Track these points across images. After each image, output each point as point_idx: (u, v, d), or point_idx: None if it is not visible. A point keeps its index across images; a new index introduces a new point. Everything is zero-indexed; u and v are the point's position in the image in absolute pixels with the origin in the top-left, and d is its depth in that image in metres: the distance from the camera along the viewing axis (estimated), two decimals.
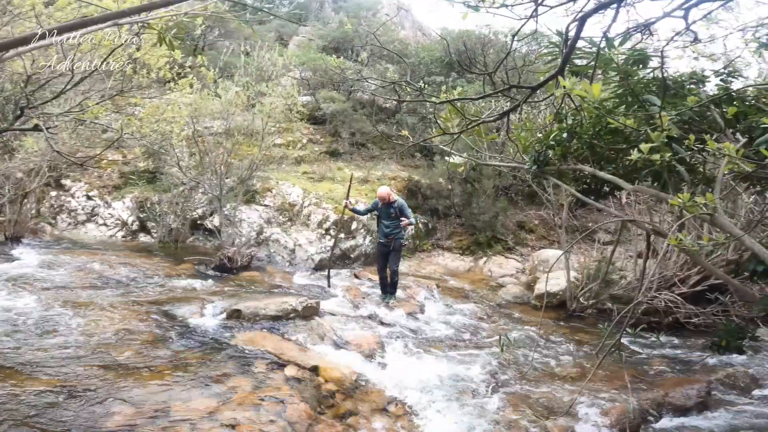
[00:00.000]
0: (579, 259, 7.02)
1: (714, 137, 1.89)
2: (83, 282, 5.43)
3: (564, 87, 1.77)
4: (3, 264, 5.84)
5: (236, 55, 11.15)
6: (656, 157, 1.67)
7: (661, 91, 1.88)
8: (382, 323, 5.30)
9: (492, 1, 1.55)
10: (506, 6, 1.56)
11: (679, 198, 1.57)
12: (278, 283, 6.45)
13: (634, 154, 1.72)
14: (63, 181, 8.68)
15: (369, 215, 6.79)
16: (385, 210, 5.99)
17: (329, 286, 6.45)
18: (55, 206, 8.47)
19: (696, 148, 1.74)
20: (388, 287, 6.14)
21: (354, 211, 6.39)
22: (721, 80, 3.00)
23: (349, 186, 6.50)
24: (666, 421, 3.70)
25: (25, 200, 7.30)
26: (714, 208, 1.53)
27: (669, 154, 1.69)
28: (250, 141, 8.14)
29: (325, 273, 6.75)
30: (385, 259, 6.14)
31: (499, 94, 2.13)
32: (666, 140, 1.73)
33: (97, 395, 2.97)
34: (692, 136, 1.64)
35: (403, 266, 8.35)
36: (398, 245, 6.04)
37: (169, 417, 2.85)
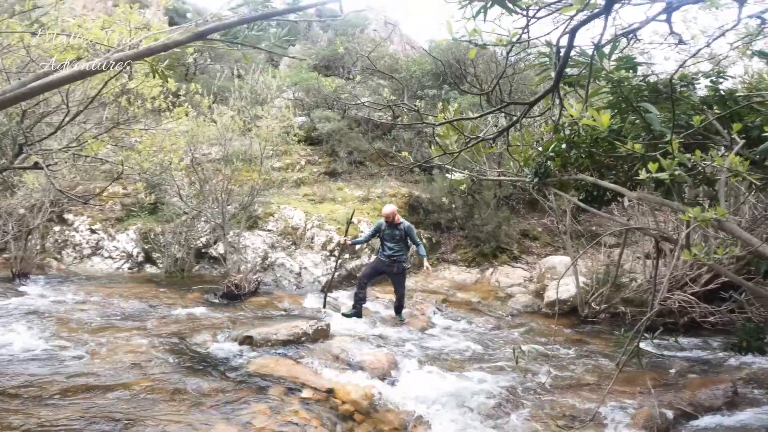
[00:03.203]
0: (587, 263, 6.99)
1: (721, 154, 1.90)
2: (94, 315, 5.43)
3: (563, 106, 1.79)
4: (13, 300, 5.85)
5: (229, 78, 11.25)
6: (665, 175, 1.67)
7: (671, 118, 1.87)
8: (394, 341, 5.26)
9: (498, 39, 1.59)
10: (513, 42, 1.59)
11: (691, 212, 1.57)
12: (287, 307, 6.42)
13: (643, 174, 1.73)
14: (66, 216, 8.72)
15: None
16: (389, 232, 5.70)
17: (324, 307, 6.15)
18: (60, 241, 8.49)
19: (702, 165, 1.75)
20: (395, 309, 6.01)
21: (355, 243, 6.10)
22: (711, 81, 3.01)
23: (349, 222, 6.10)
24: (695, 423, 3.63)
25: (30, 236, 7.32)
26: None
27: (677, 173, 1.69)
28: (248, 166, 8.18)
29: (332, 294, 6.69)
30: (375, 275, 5.90)
31: (497, 111, 2.15)
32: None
33: (119, 426, 2.97)
34: (698, 152, 1.65)
35: (410, 282, 8.30)
36: (402, 269, 5.76)
37: None
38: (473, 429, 3.47)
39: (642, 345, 3.59)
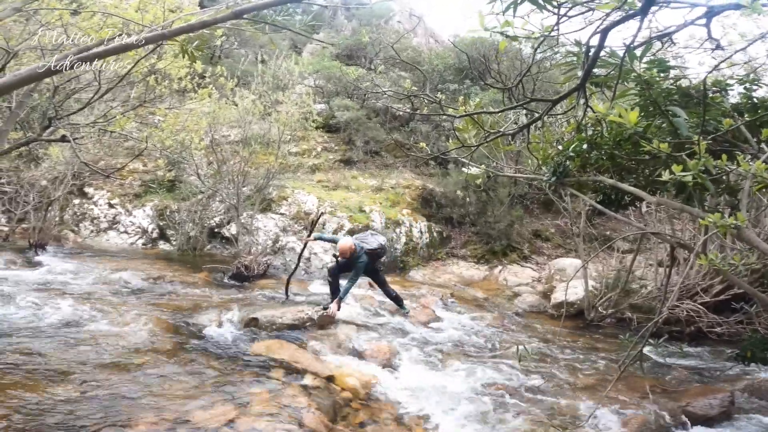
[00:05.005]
0: (597, 267, 6.93)
1: (747, 158, 1.87)
2: (105, 289, 5.55)
3: (588, 105, 1.78)
4: (28, 271, 6.01)
5: (252, 63, 11.32)
6: (689, 178, 1.66)
7: (699, 123, 1.84)
8: (397, 332, 5.30)
9: (530, 33, 1.58)
10: (545, 35, 1.58)
11: (710, 218, 1.56)
12: (294, 292, 6.49)
13: (666, 175, 1.71)
14: (86, 189, 8.90)
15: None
16: (345, 264, 5.50)
17: (287, 297, 5.99)
18: (78, 214, 8.68)
19: (728, 170, 1.72)
20: (394, 301, 5.97)
21: (320, 239, 5.95)
22: (745, 89, 2.95)
23: (314, 224, 6.05)
24: (689, 430, 3.63)
25: (50, 208, 7.49)
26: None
27: (702, 175, 1.67)
28: (266, 149, 8.26)
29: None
30: (345, 269, 5.63)
31: (519, 107, 2.14)
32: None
33: (121, 402, 3.04)
34: (725, 156, 1.63)
35: (418, 275, 8.35)
36: (374, 269, 5.75)
37: (189, 424, 2.89)
38: (470, 423, 3.50)
39: (645, 350, 3.56)
